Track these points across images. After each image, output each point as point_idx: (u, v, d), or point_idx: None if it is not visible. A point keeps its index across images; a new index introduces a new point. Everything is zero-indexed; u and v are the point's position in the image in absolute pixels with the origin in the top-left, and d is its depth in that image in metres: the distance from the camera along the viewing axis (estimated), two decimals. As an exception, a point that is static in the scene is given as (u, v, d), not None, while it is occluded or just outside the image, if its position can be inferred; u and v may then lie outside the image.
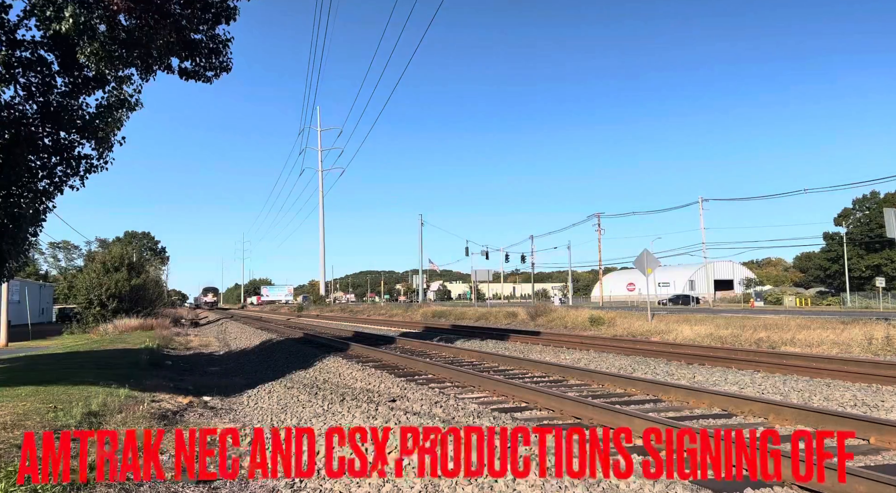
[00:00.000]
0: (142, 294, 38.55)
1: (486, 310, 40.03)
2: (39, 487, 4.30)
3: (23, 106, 8.92)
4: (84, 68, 8.90)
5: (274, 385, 11.04)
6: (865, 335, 16.53)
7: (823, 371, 11.04)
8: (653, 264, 26.48)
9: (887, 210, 20.24)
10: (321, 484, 4.98)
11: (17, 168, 8.74)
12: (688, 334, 20.74)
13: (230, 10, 9.05)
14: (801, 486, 4.52)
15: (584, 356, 15.07)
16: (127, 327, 29.31)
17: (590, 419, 7.16)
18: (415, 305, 64.63)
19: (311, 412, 8.15)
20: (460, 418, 7.08)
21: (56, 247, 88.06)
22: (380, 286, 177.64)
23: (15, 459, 4.80)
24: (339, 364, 13.33)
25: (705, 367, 12.63)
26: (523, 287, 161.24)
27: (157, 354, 17.88)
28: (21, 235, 9.30)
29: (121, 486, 4.70)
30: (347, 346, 17.09)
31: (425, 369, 12.19)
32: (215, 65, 9.39)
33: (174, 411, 8.43)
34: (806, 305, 65.85)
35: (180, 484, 4.93)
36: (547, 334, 21.95)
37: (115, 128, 9.60)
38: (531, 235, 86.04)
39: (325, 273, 75.51)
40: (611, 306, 54.66)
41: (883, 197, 76.91)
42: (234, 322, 43.18)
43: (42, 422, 6.38)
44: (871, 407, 8.07)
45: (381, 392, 9.42)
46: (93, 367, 12.67)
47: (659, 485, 4.43)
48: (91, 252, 58.35)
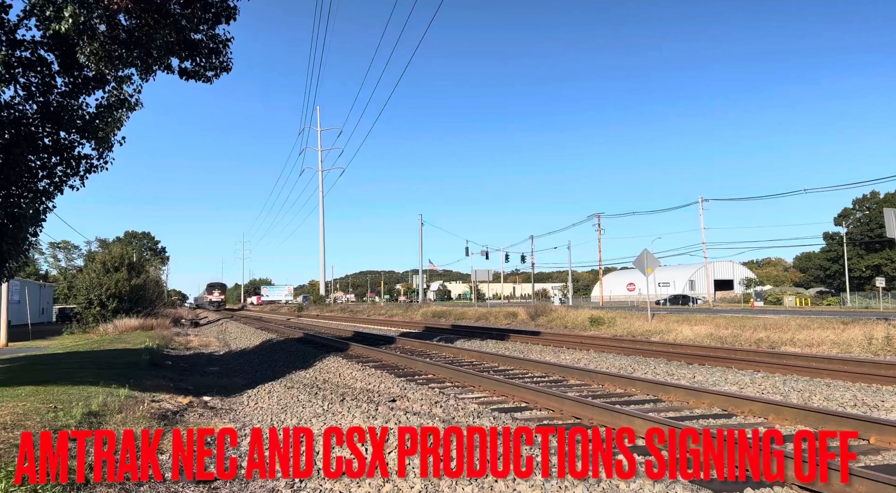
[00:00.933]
0: (142, 294, 38.50)
1: (486, 310, 40.03)
2: (39, 487, 4.30)
3: (23, 106, 8.91)
4: (84, 68, 8.89)
5: (274, 385, 11.03)
6: (865, 335, 16.53)
7: (823, 371, 11.03)
8: (653, 264, 26.47)
9: (887, 210, 20.24)
10: (321, 484, 4.97)
11: (17, 168, 8.73)
12: (688, 334, 20.73)
13: (230, 10, 9.04)
14: (802, 486, 4.51)
15: (584, 356, 15.06)
16: (127, 327, 29.28)
17: (590, 419, 7.15)
18: (415, 305, 64.62)
19: (311, 411, 8.14)
20: (460, 418, 7.08)
21: (56, 247, 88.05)
22: (380, 286, 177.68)
23: (15, 459, 4.79)
24: (339, 364, 13.32)
25: (705, 367, 12.62)
26: (523, 287, 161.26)
27: (157, 354, 17.86)
28: (21, 235, 9.29)
29: (120, 486, 4.69)
30: (347, 346, 17.07)
31: (425, 369, 12.18)
32: (215, 65, 9.38)
33: (174, 411, 8.42)
34: (806, 305, 65.86)
35: (179, 484, 4.92)
36: (547, 334, 21.94)
37: (115, 128, 9.60)
38: (531, 236, 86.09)
39: (325, 273, 75.52)
40: (611, 306, 54.65)
41: (883, 197, 76.92)
42: (234, 322, 43.17)
43: (42, 422, 6.37)
44: (871, 407, 8.06)
45: (381, 392, 9.41)
46: (93, 367, 12.66)
47: (660, 485, 4.42)
48: (91, 252, 58.42)
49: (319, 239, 71.44)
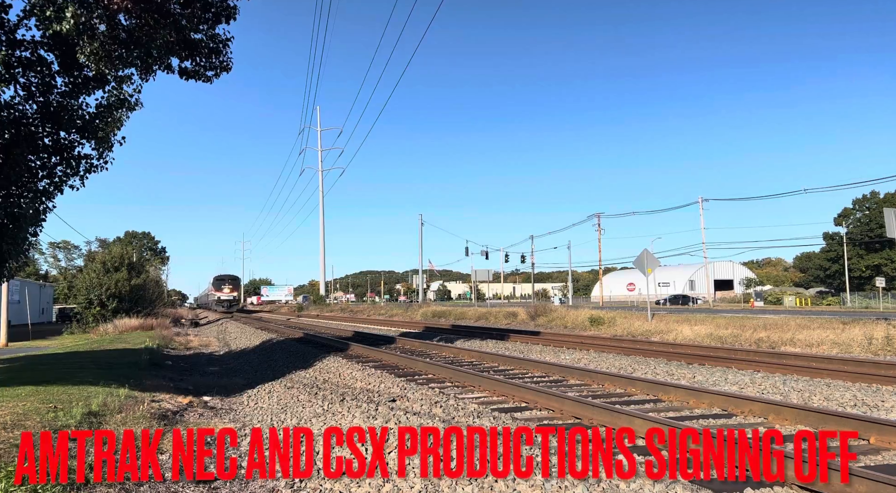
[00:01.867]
0: (142, 294, 38.50)
1: (486, 310, 40.02)
2: (39, 487, 4.29)
3: (23, 106, 8.91)
4: (84, 68, 8.89)
5: (274, 385, 11.03)
6: (865, 335, 16.53)
7: (823, 371, 11.03)
8: (653, 263, 26.47)
9: (887, 210, 20.25)
10: (321, 484, 4.97)
11: (17, 168, 8.73)
12: (688, 334, 20.73)
13: (230, 10, 9.04)
14: (802, 486, 4.51)
15: (584, 356, 15.06)
16: (127, 327, 29.27)
17: (590, 419, 7.15)
18: (415, 305, 64.60)
19: (310, 411, 8.14)
20: (460, 418, 7.08)
21: (56, 247, 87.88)
22: (380, 286, 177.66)
23: (14, 459, 4.78)
24: (339, 364, 13.32)
25: (705, 367, 12.62)
26: (523, 287, 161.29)
27: (157, 354, 17.86)
28: (21, 235, 9.29)
29: (120, 486, 4.69)
30: (347, 346, 17.07)
31: (425, 369, 12.18)
32: (215, 64, 9.37)
33: (174, 411, 8.42)
34: (806, 305, 65.86)
35: (179, 484, 4.92)
36: (547, 334, 21.94)
37: (115, 128, 9.60)
38: (531, 236, 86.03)
39: (324, 273, 75.48)
40: (611, 306, 54.65)
41: (883, 197, 76.93)
42: (234, 322, 43.18)
43: (42, 422, 6.37)
44: (871, 407, 8.06)
45: (381, 392, 9.41)
46: (93, 367, 12.66)
47: (660, 485, 4.42)
48: (91, 252, 58.29)
49: (319, 239, 71.45)
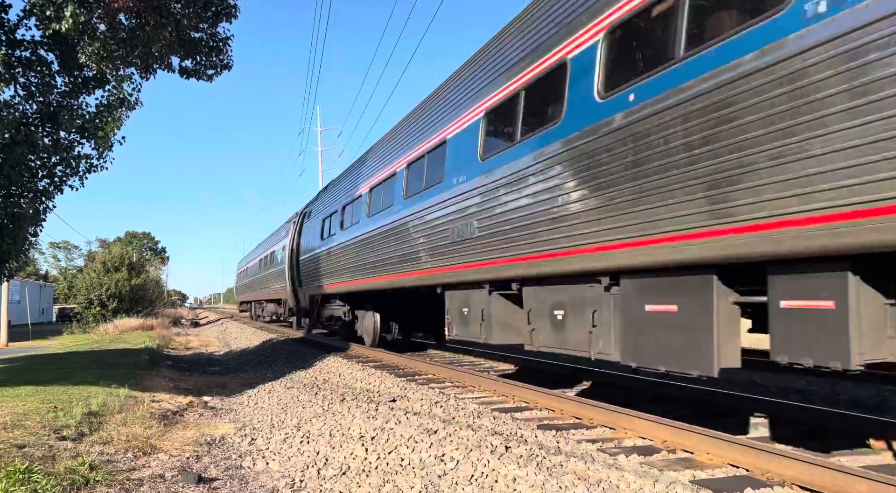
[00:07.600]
0: (142, 294, 38.52)
1: (487, 310, 39.91)
2: (40, 487, 4.30)
3: (23, 106, 8.92)
4: (84, 68, 8.90)
5: (274, 385, 11.03)
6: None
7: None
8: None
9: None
10: (321, 484, 4.96)
11: (17, 168, 8.74)
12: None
13: (230, 9, 9.05)
14: (801, 486, 4.50)
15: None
16: (127, 327, 29.29)
17: (590, 419, 7.15)
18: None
19: (311, 411, 8.14)
20: (460, 417, 7.08)
21: (56, 247, 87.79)
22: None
23: (15, 459, 4.79)
24: (339, 364, 13.32)
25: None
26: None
27: (158, 354, 17.87)
28: (21, 235, 9.30)
29: (120, 486, 4.69)
30: (347, 346, 17.06)
31: (426, 369, 12.18)
32: (216, 63, 9.39)
33: (174, 411, 8.43)
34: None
35: (180, 484, 4.92)
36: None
37: (115, 127, 9.62)
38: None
39: (325, 273, 75.35)
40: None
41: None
42: (234, 322, 43.18)
43: (42, 422, 6.37)
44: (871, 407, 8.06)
45: (382, 392, 9.41)
46: (93, 367, 12.67)
47: (660, 485, 4.42)
48: (91, 252, 58.22)
49: (319, 239, 71.33)
